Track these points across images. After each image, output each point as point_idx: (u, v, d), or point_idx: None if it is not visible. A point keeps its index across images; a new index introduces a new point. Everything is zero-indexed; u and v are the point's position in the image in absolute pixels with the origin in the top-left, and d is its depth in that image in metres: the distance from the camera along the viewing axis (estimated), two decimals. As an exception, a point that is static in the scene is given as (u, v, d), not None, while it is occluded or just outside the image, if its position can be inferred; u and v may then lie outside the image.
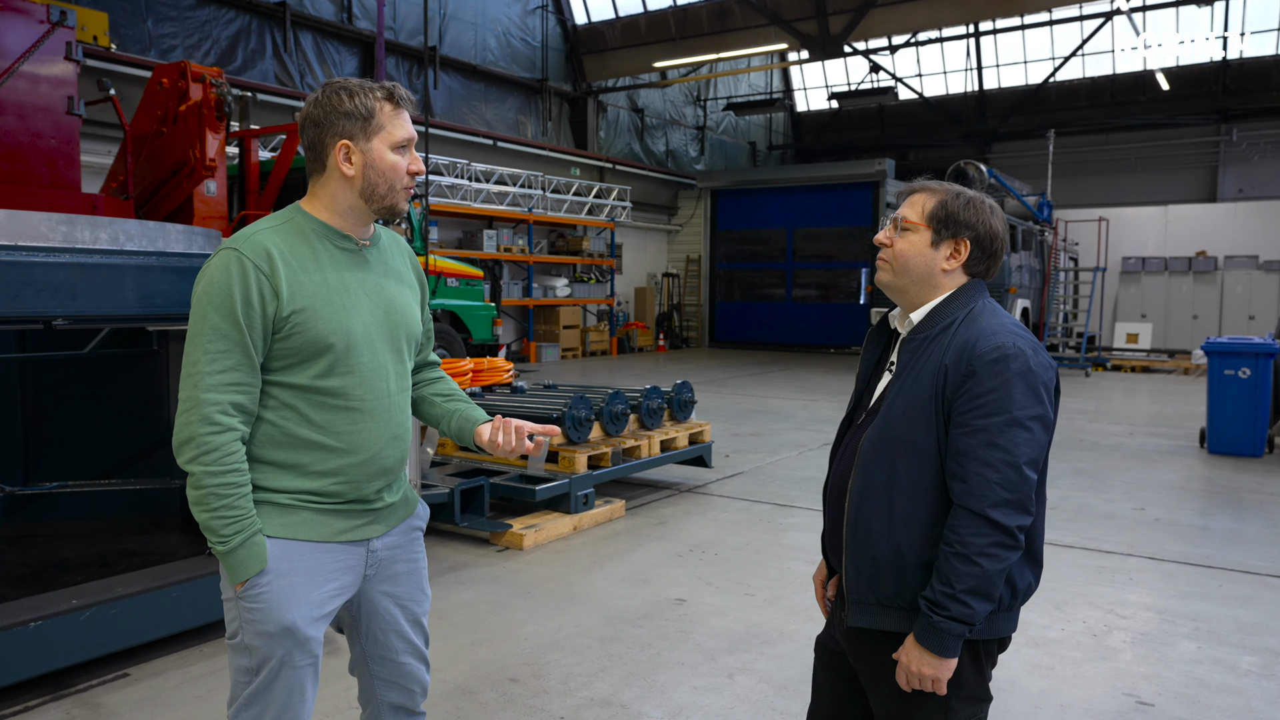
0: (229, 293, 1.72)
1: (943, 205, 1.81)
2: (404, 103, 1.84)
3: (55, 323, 3.13)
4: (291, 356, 1.78)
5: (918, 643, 1.67)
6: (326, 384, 1.80)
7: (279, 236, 1.80)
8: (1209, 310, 19.37)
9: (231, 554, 1.73)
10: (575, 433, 5.78)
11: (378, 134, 1.81)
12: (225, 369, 1.72)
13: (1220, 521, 5.82)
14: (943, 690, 1.69)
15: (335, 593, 1.87)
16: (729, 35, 18.60)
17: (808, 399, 11.82)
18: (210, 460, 1.71)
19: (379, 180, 1.82)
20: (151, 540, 4.14)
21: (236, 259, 1.74)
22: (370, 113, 1.80)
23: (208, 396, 1.71)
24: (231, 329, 1.72)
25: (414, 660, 2.03)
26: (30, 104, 5.02)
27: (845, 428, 1.95)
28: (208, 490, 1.71)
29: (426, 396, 2.14)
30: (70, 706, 3.11)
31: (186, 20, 12.99)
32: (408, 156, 1.85)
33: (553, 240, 19.00)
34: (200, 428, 1.71)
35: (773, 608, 4.18)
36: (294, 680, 1.81)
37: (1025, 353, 1.68)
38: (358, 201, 1.84)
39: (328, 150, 1.81)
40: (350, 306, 1.82)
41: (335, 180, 1.83)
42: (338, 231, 1.86)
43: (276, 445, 1.81)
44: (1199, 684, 3.41)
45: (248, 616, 1.77)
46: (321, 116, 1.80)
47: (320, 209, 1.86)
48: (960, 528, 1.65)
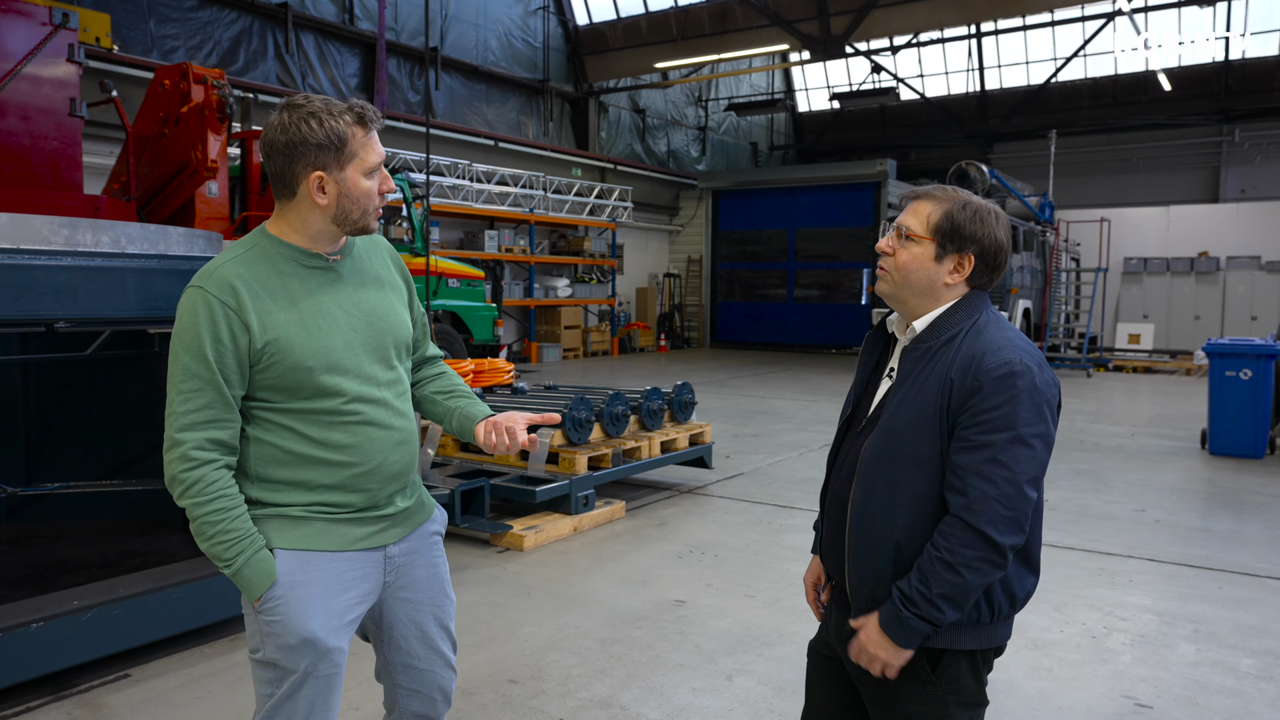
0: (196, 332, 1.73)
1: (948, 217, 1.76)
2: (374, 122, 1.80)
3: (57, 325, 3.14)
4: (276, 385, 1.79)
5: (880, 627, 1.70)
6: (316, 405, 1.81)
7: (244, 267, 1.78)
8: (1211, 311, 19.34)
9: (239, 574, 1.75)
10: (576, 434, 5.79)
11: (351, 161, 1.77)
12: (199, 407, 1.74)
13: (1221, 523, 5.81)
14: (894, 675, 1.71)
15: (355, 601, 1.86)
16: (730, 36, 18.60)
17: (809, 400, 11.82)
18: (194, 493, 1.74)
19: (352, 207, 1.80)
20: (153, 541, 4.15)
21: (202, 297, 1.74)
22: (342, 140, 1.75)
23: (182, 435, 1.74)
24: (201, 368, 1.73)
25: (439, 666, 2.02)
26: (33, 106, 5.03)
27: (843, 434, 1.93)
28: (200, 520, 1.75)
29: (428, 395, 2.12)
30: (71, 707, 3.12)
31: (188, 21, 13.00)
32: (378, 177, 1.82)
33: (554, 241, 19.01)
34: (179, 466, 1.74)
35: (773, 609, 4.19)
36: (317, 690, 1.81)
37: (1032, 370, 1.67)
38: (329, 226, 1.82)
39: (299, 179, 1.77)
40: (326, 326, 1.81)
41: (305, 206, 1.80)
42: (306, 251, 1.84)
43: (280, 464, 1.82)
44: (1198, 686, 3.41)
45: (268, 630, 1.78)
46: (288, 146, 1.74)
47: (288, 231, 1.84)
48: (951, 536, 1.65)
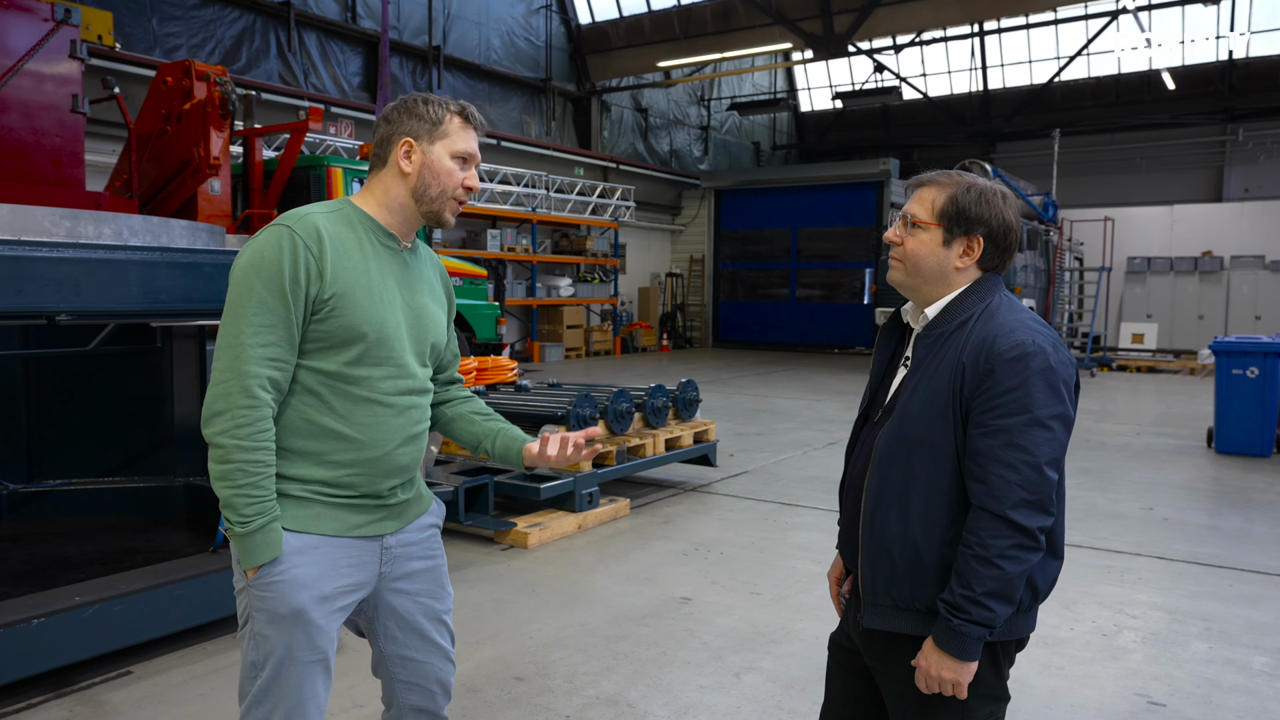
0: (279, 267, 1.72)
1: (953, 201, 1.73)
2: (474, 122, 1.91)
3: (59, 318, 3.10)
4: (325, 340, 1.79)
5: (937, 646, 1.64)
6: (354, 372, 1.81)
7: (329, 222, 1.83)
8: (1215, 310, 19.30)
9: (249, 536, 1.71)
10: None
11: (441, 139, 1.87)
12: (268, 343, 1.72)
13: (1229, 521, 5.78)
14: (963, 694, 1.65)
15: (349, 589, 1.85)
16: (733, 35, 18.57)
17: (812, 399, 11.79)
18: (244, 434, 1.69)
19: (432, 181, 1.87)
20: (155, 538, 4.13)
21: (289, 235, 1.75)
22: (439, 120, 1.87)
23: (250, 369, 1.70)
24: (278, 304, 1.72)
25: (436, 659, 2.01)
26: (35, 102, 5.01)
27: (861, 425, 1.91)
28: (235, 465, 1.69)
29: (464, 414, 2.12)
30: (73, 704, 3.10)
31: (191, 19, 12.99)
32: (467, 171, 1.90)
33: (556, 240, 18.99)
34: (239, 399, 1.69)
35: (779, 607, 4.16)
36: (303, 675, 1.78)
37: (1045, 350, 1.63)
38: (408, 199, 1.88)
39: (392, 145, 1.88)
40: (387, 300, 1.85)
41: (392, 175, 1.88)
42: (383, 229, 1.90)
43: (295, 432, 1.80)
44: (1211, 684, 3.38)
45: (258, 604, 1.76)
46: (395, 116, 1.88)
47: (371, 203, 1.90)
48: (980, 529, 1.61)
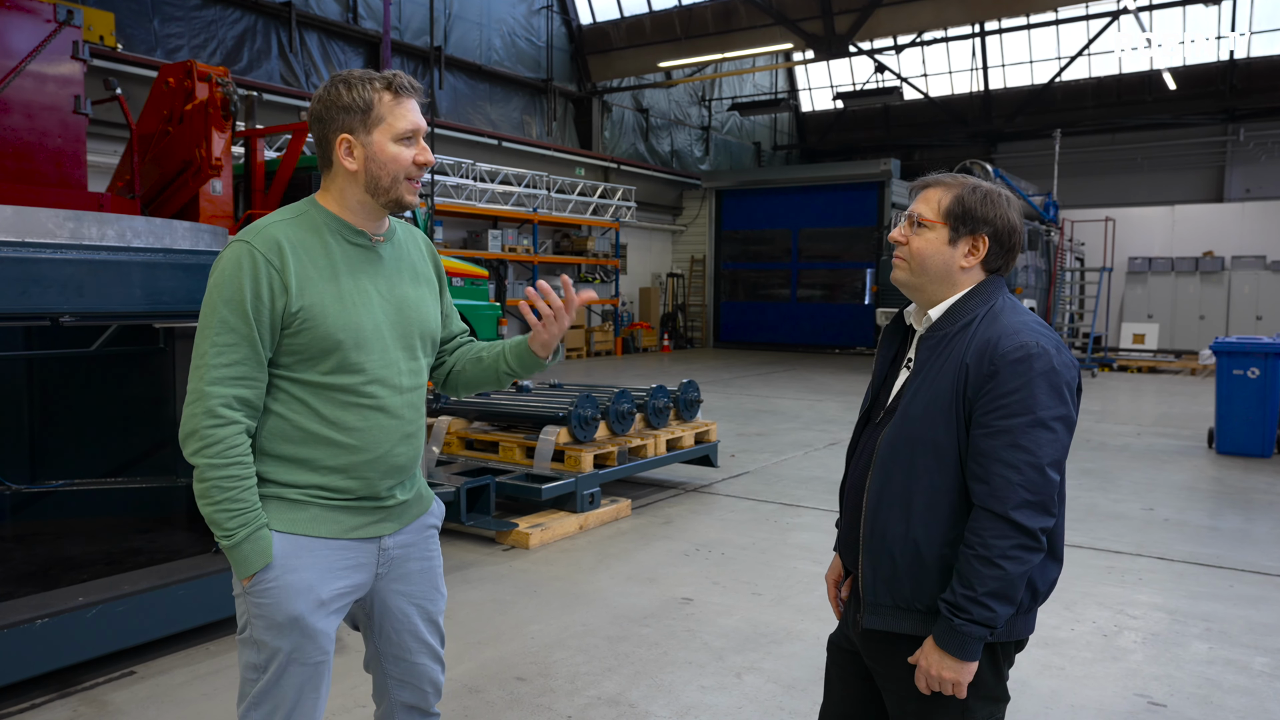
0: (239, 286, 1.71)
1: (959, 201, 1.75)
2: (405, 91, 1.79)
3: (62, 320, 3.11)
4: (301, 352, 1.77)
5: (938, 646, 1.65)
6: (337, 381, 1.79)
7: (292, 229, 1.79)
8: (1216, 310, 19.30)
9: (236, 548, 1.72)
10: (581, 432, 5.76)
11: (377, 126, 1.77)
12: (231, 362, 1.71)
13: (1230, 522, 5.78)
14: (963, 694, 1.66)
15: (346, 590, 1.85)
16: (734, 35, 18.57)
17: (813, 399, 11.79)
18: (213, 453, 1.70)
19: (381, 173, 1.79)
20: (157, 538, 4.14)
21: (248, 252, 1.73)
22: (368, 105, 1.77)
23: (212, 389, 1.70)
24: (240, 323, 1.71)
25: (427, 660, 2.02)
26: (37, 103, 5.02)
27: (862, 426, 1.92)
28: (210, 483, 1.70)
29: (472, 356, 2.08)
30: (76, 704, 3.11)
31: (192, 20, 13.00)
32: (414, 147, 1.81)
33: (557, 240, 18.99)
34: (204, 420, 1.70)
35: (780, 607, 4.16)
36: (303, 677, 1.79)
37: (1049, 352, 1.65)
38: (364, 196, 1.82)
39: (331, 145, 1.79)
40: (361, 303, 1.81)
41: (341, 175, 1.81)
42: (351, 226, 1.84)
43: (287, 440, 1.80)
44: (1211, 685, 3.38)
45: (255, 611, 1.76)
46: (323, 112, 1.79)
47: (332, 203, 1.85)
48: (982, 530, 1.62)
